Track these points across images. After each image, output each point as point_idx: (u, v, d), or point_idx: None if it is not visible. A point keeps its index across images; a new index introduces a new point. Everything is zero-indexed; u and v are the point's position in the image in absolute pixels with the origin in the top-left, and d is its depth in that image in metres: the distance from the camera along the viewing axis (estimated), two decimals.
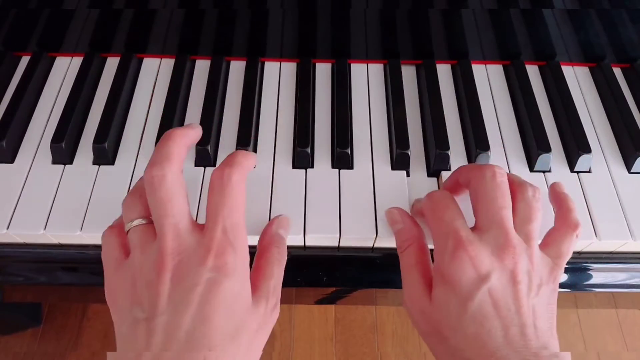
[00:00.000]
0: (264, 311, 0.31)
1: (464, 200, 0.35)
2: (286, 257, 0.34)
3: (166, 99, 0.44)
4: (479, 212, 0.33)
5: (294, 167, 0.41)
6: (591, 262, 0.41)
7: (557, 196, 0.36)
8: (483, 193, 0.32)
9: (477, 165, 0.34)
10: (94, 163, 0.41)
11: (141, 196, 0.32)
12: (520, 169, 0.42)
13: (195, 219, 0.32)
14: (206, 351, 0.28)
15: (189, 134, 0.32)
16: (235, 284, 0.30)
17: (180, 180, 0.31)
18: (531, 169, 0.42)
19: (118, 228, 0.33)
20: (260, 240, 0.35)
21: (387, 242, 0.39)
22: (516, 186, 0.33)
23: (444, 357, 0.32)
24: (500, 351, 0.28)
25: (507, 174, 0.34)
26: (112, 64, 0.48)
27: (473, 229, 0.32)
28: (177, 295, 0.29)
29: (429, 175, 0.42)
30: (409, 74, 0.48)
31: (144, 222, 0.31)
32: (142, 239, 0.31)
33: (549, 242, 0.33)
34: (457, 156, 0.42)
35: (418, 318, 0.33)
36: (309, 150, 0.41)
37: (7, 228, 0.37)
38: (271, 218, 0.38)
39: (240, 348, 0.29)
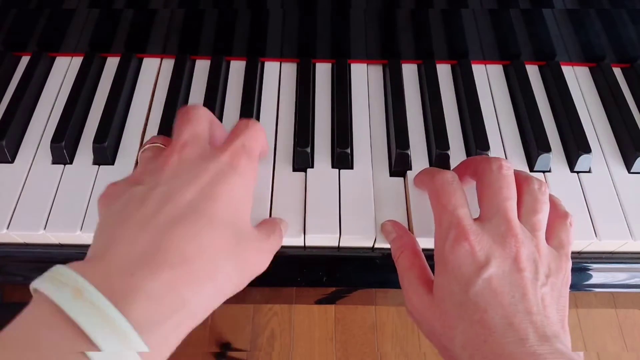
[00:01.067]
0: (263, 241, 0.31)
1: (468, 191, 0.35)
2: (282, 239, 0.35)
3: (166, 99, 0.44)
4: (484, 202, 0.33)
5: (294, 167, 0.41)
6: (591, 262, 0.41)
7: None
8: (488, 183, 0.33)
9: (485, 157, 0.34)
10: (94, 163, 0.41)
11: (163, 137, 0.33)
12: (520, 169, 0.42)
13: None
14: (207, 221, 0.26)
15: (217, 121, 0.34)
16: (244, 185, 0.29)
17: (209, 120, 0.32)
18: (531, 169, 0.42)
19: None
20: (263, 221, 0.35)
21: (387, 242, 0.39)
22: (522, 180, 0.33)
23: (450, 355, 0.31)
24: (507, 339, 0.28)
25: (514, 169, 0.34)
26: (112, 64, 0.48)
27: (477, 219, 0.32)
28: (183, 173, 0.27)
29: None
30: (409, 74, 0.48)
31: (161, 145, 0.31)
32: (155, 149, 0.31)
33: (548, 236, 0.33)
34: (457, 156, 0.42)
35: (420, 317, 0.32)
36: (309, 150, 0.41)
37: (7, 228, 0.37)
38: (271, 216, 0.38)
39: (237, 249, 0.27)
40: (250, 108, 0.43)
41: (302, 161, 0.41)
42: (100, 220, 0.28)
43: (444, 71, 0.49)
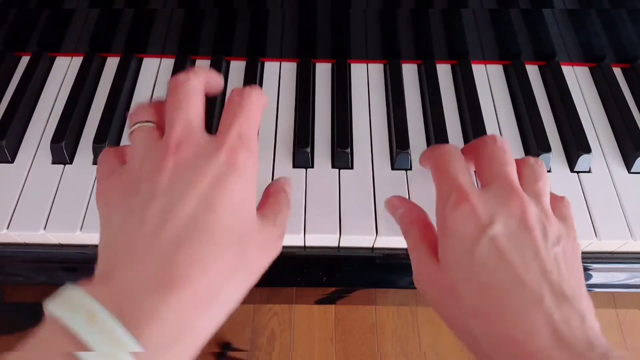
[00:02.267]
0: (269, 232, 0.29)
1: None
2: (289, 210, 0.33)
3: None
4: (482, 171, 0.32)
5: (294, 167, 0.41)
6: (591, 262, 0.41)
7: None
8: (485, 154, 0.32)
9: (479, 137, 0.34)
10: (94, 163, 0.41)
11: (153, 106, 0.30)
12: None
13: None
14: (209, 238, 0.25)
15: (214, 74, 0.32)
16: (244, 184, 0.28)
17: (203, 92, 0.30)
18: None
19: (115, 148, 0.31)
20: (267, 189, 0.34)
21: (387, 242, 0.39)
22: (517, 160, 0.33)
23: (459, 324, 0.30)
24: (521, 300, 0.26)
25: None
26: (112, 64, 0.48)
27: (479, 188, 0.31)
28: (180, 181, 0.26)
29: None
30: (409, 74, 0.48)
31: (152, 125, 0.29)
32: (147, 137, 0.29)
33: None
34: None
35: (428, 286, 0.31)
36: (309, 150, 0.41)
37: (7, 228, 0.37)
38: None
39: (244, 254, 0.27)
40: None
41: (302, 161, 0.41)
42: (102, 229, 0.27)
43: (444, 71, 0.49)
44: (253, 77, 0.46)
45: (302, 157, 0.41)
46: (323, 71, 0.48)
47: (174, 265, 0.24)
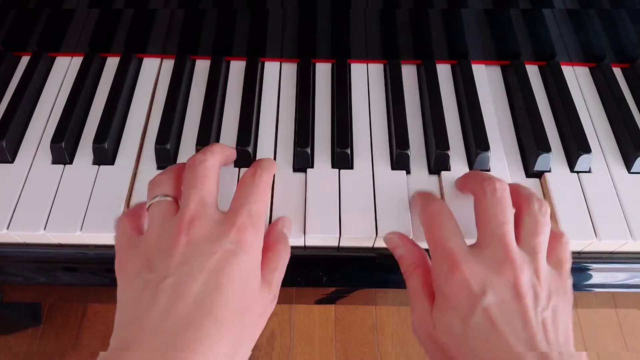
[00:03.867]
0: (267, 297, 0.31)
1: (467, 207, 0.35)
2: (289, 255, 0.35)
3: (166, 99, 0.44)
4: (480, 228, 0.33)
5: (294, 167, 0.41)
6: (591, 262, 0.41)
7: None
8: (484, 208, 0.32)
9: (480, 178, 0.34)
10: (94, 163, 0.41)
11: (171, 178, 0.33)
12: (519, 170, 0.42)
13: None
14: (213, 320, 0.27)
15: (229, 150, 0.37)
16: (250, 262, 0.30)
17: (217, 171, 0.33)
18: (531, 169, 0.42)
19: (131, 213, 0.33)
20: (266, 237, 0.35)
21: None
22: (523, 199, 0.33)
23: None
24: None
25: (514, 185, 0.34)
26: (112, 64, 0.48)
27: (474, 245, 0.32)
28: (191, 259, 0.28)
29: (430, 174, 0.42)
30: (409, 74, 0.48)
31: (169, 199, 0.32)
32: (164, 212, 0.31)
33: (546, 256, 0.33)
34: (457, 156, 0.42)
35: (427, 342, 0.32)
36: (309, 150, 0.41)
37: (7, 228, 0.37)
38: (273, 218, 0.38)
39: (244, 328, 0.29)
40: (250, 108, 0.43)
41: (302, 161, 0.41)
42: (119, 301, 0.29)
43: (444, 71, 0.49)
44: (253, 77, 0.46)
45: (302, 157, 0.41)
46: (323, 71, 0.48)
47: (179, 351, 0.26)
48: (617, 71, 0.49)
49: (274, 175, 0.40)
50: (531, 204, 0.33)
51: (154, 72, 0.47)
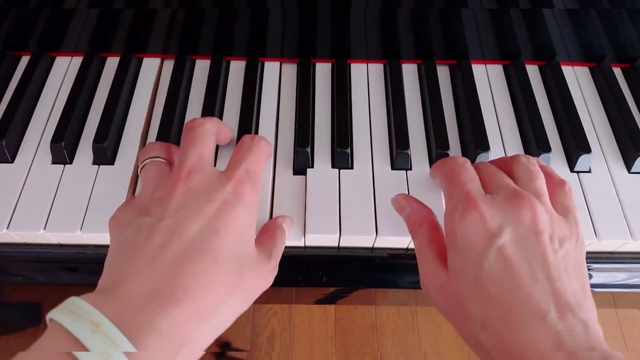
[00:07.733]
0: (265, 264, 0.31)
1: None
2: (285, 244, 0.35)
3: (166, 99, 0.44)
4: (485, 185, 0.32)
5: (294, 167, 0.41)
6: (591, 262, 0.41)
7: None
8: (484, 173, 0.33)
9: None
10: (94, 163, 0.41)
11: (162, 145, 0.33)
12: None
13: None
14: (211, 258, 0.26)
15: (226, 126, 0.37)
16: (247, 215, 0.30)
17: (214, 134, 0.33)
18: None
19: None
20: (264, 226, 0.36)
21: (387, 242, 0.39)
22: (509, 159, 0.34)
23: (468, 333, 0.30)
24: (526, 314, 0.26)
25: (495, 160, 0.35)
26: (112, 64, 0.48)
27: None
28: (189, 204, 0.28)
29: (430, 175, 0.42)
30: (409, 74, 0.48)
31: (162, 160, 0.32)
32: (159, 169, 0.31)
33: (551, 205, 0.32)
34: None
35: (437, 295, 0.31)
36: (309, 150, 0.41)
37: (7, 228, 0.37)
38: (272, 218, 0.38)
39: (242, 279, 0.28)
40: (250, 108, 0.43)
41: (302, 161, 0.41)
42: (110, 247, 0.29)
43: (444, 71, 0.49)
44: (253, 77, 0.46)
45: (302, 156, 0.41)
46: (323, 71, 0.48)
47: (176, 280, 0.25)
48: (617, 71, 0.49)
49: (273, 176, 0.40)
50: (518, 158, 0.33)
51: (154, 72, 0.47)
